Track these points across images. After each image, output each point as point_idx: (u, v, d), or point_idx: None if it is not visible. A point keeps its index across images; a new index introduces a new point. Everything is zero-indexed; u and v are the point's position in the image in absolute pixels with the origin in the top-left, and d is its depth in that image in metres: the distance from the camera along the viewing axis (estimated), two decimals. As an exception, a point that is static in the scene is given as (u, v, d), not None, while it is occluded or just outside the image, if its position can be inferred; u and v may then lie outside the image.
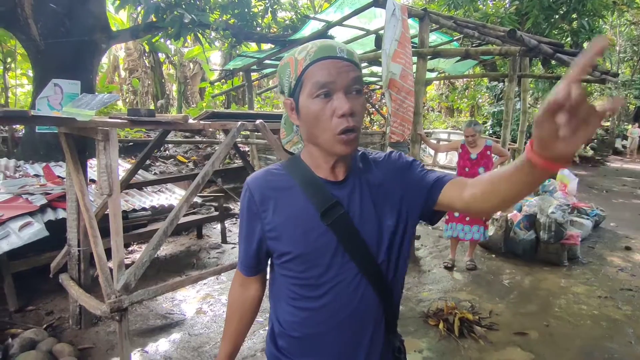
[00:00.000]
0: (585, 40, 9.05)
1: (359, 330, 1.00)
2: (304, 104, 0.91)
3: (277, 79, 1.01)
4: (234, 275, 1.16)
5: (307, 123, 0.92)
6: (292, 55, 0.93)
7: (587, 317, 3.39)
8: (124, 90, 13.29)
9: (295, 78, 0.91)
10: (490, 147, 4.15)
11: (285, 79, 0.94)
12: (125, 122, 2.47)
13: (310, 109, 0.89)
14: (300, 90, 0.91)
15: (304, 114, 0.92)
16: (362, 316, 1.00)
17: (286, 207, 0.96)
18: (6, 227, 2.95)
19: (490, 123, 11.45)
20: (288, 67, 0.93)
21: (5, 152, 5.53)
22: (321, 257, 0.95)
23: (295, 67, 0.91)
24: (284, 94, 0.96)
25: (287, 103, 0.96)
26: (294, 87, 0.92)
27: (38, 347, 2.61)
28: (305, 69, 0.89)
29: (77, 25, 4.78)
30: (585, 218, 5.61)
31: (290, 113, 0.97)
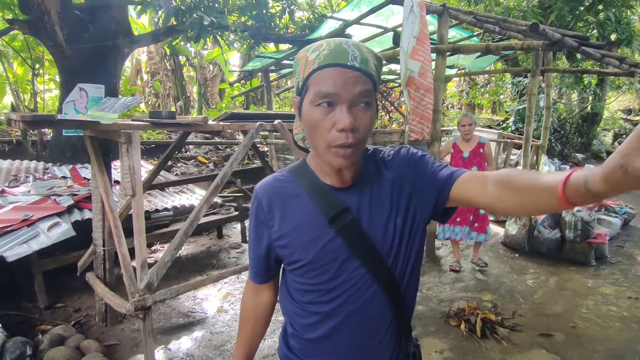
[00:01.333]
0: (612, 33, 8.75)
1: (370, 335, 0.99)
2: (305, 109, 0.87)
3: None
4: (246, 282, 1.16)
5: (306, 129, 0.89)
6: (306, 52, 0.88)
7: (617, 318, 3.27)
8: (146, 92, 13.59)
9: (302, 79, 0.87)
10: (484, 145, 4.03)
11: (296, 75, 0.92)
12: (147, 124, 2.52)
13: (311, 116, 0.85)
14: (305, 94, 0.87)
15: (304, 119, 0.88)
16: (373, 321, 0.98)
17: (294, 214, 0.95)
18: (36, 227, 3.06)
19: (512, 119, 11.18)
20: (299, 65, 0.89)
21: (34, 155, 5.74)
22: (331, 264, 0.94)
23: (305, 68, 0.87)
24: (295, 90, 0.95)
25: (295, 101, 0.93)
26: (300, 88, 0.89)
27: (66, 343, 2.70)
28: (311, 74, 0.85)
29: (100, 31, 4.91)
30: (613, 216, 5.42)
31: (295, 111, 0.94)
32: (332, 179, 0.95)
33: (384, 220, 0.96)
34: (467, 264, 4.38)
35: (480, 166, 4.04)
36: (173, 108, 12.45)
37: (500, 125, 12.35)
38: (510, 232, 4.90)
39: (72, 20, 4.74)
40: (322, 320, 0.98)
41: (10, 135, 6.20)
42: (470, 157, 4.03)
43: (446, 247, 4.77)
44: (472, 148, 4.03)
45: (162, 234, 4.35)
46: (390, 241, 0.96)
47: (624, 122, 18.35)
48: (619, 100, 18.56)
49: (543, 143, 6.75)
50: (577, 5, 7.98)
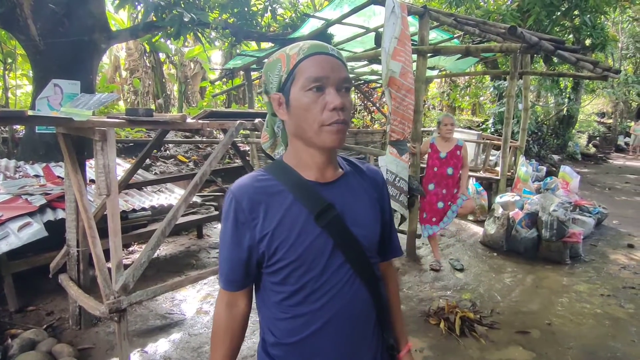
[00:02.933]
0: (587, 37, 9.00)
1: (355, 331, 1.00)
2: (295, 97, 0.92)
3: (263, 78, 1.01)
4: (218, 297, 1.06)
5: (297, 116, 0.93)
6: (283, 51, 0.95)
7: (590, 315, 3.36)
8: (125, 90, 13.29)
9: (287, 72, 0.92)
10: (461, 148, 4.09)
11: (274, 74, 0.95)
12: (123, 121, 2.46)
13: (302, 101, 0.90)
14: (292, 84, 0.92)
15: (294, 106, 0.92)
16: (359, 317, 1.00)
17: (278, 212, 0.94)
18: (5, 227, 2.94)
19: (492, 121, 11.39)
20: (279, 62, 0.94)
21: (5, 152, 5.54)
22: (317, 261, 0.94)
23: (287, 62, 0.92)
24: (271, 90, 0.97)
25: (275, 98, 0.96)
26: (284, 81, 0.93)
27: (38, 348, 2.61)
28: (298, 63, 0.91)
29: (76, 26, 4.76)
30: (587, 216, 5.58)
31: (277, 108, 0.97)
32: (315, 174, 0.97)
33: (365, 216, 1.00)
34: (447, 263, 4.43)
35: (456, 168, 4.08)
36: (153, 106, 12.22)
37: (479, 126, 12.57)
38: (488, 231, 4.99)
39: (46, 14, 4.58)
40: (307, 321, 0.96)
41: (-20, 132, 5.97)
42: (447, 158, 4.08)
43: (427, 247, 4.82)
44: (449, 149, 4.08)
45: (139, 235, 4.25)
46: (371, 237, 1.01)
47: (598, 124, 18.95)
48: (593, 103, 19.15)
49: (521, 144, 6.89)
50: (554, 10, 8.19)
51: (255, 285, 1.06)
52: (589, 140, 16.94)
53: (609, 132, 18.48)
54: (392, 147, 3.96)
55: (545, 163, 10.18)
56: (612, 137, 18.14)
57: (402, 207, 4.13)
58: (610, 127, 18.66)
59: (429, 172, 4.19)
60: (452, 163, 4.07)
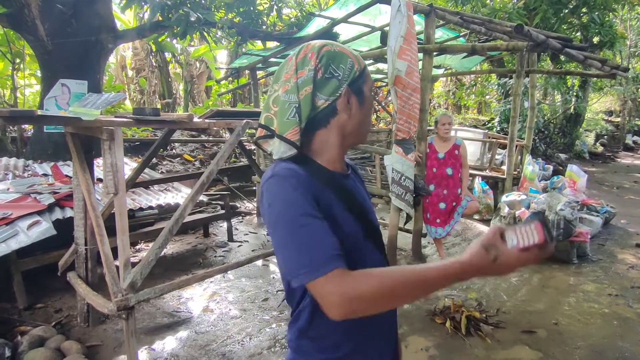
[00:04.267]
0: (595, 35, 8.92)
1: (392, 315, 1.07)
2: (367, 96, 1.00)
3: (320, 67, 0.93)
4: (330, 283, 0.79)
5: (364, 114, 1.00)
6: (347, 49, 0.98)
7: (598, 315, 3.34)
8: (131, 89, 13.37)
9: (359, 70, 0.97)
10: (459, 147, 4.06)
11: (347, 67, 0.95)
12: (130, 121, 2.48)
13: (372, 102, 1.02)
14: (364, 84, 0.98)
15: (369, 104, 1.00)
16: None
17: (321, 201, 0.89)
18: (15, 225, 2.98)
19: (497, 120, 11.32)
20: (349, 58, 0.96)
21: (14, 151, 5.60)
22: (358, 245, 0.95)
23: (358, 62, 0.97)
24: (342, 82, 0.94)
25: (346, 91, 0.95)
26: (356, 78, 0.96)
27: (47, 345, 2.64)
28: (365, 66, 0.99)
29: (83, 26, 4.81)
30: (594, 215, 5.54)
31: (343, 102, 0.95)
32: (337, 166, 1.00)
33: (370, 206, 1.07)
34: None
35: (455, 168, 4.05)
36: (159, 105, 12.28)
37: (485, 125, 12.50)
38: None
39: (54, 14, 4.63)
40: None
41: (-11, 131, 6.04)
42: (445, 158, 4.06)
43: (432, 246, 4.81)
44: (447, 149, 4.06)
45: (146, 233, 4.28)
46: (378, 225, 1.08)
47: (606, 123, 18.77)
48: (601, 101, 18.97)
49: (527, 143, 6.85)
50: (562, 8, 8.13)
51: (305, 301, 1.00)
52: (596, 139, 16.79)
53: (617, 131, 18.29)
54: (397, 146, 3.95)
55: (552, 162, 10.11)
56: (620, 135, 17.95)
57: (408, 206, 4.12)
58: (619, 126, 18.46)
59: (429, 173, 4.17)
60: (450, 163, 4.05)
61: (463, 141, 4.17)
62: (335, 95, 0.94)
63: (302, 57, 0.95)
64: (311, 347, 0.98)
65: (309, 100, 0.92)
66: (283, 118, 0.93)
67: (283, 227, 0.84)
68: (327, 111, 0.95)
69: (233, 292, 3.71)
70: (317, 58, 0.93)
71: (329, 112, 0.95)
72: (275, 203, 0.87)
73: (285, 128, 0.93)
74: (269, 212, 0.88)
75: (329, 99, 0.93)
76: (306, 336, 0.98)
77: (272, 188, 0.89)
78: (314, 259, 0.80)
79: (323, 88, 0.93)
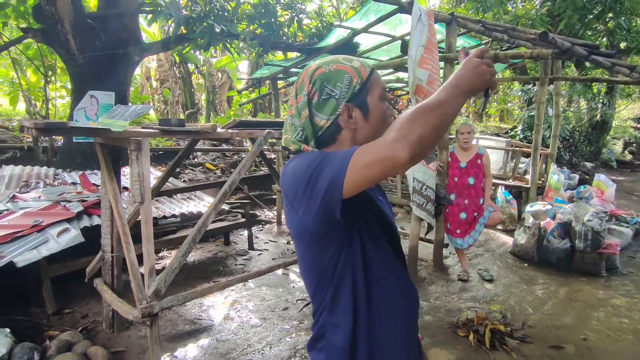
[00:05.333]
0: (622, 41, 8.68)
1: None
2: (374, 106, 0.99)
3: (314, 87, 0.98)
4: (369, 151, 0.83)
5: (376, 124, 0.99)
6: (344, 64, 0.99)
7: (629, 331, 3.21)
8: (156, 100, 13.73)
9: (360, 83, 0.98)
10: (482, 156, 3.98)
11: (344, 84, 0.97)
12: (157, 132, 2.55)
13: (382, 109, 1.00)
14: (368, 95, 0.98)
15: (376, 114, 0.99)
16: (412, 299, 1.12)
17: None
18: (45, 233, 3.09)
19: (520, 127, 11.10)
20: (346, 74, 0.97)
21: (45, 161, 5.81)
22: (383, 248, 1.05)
23: (359, 74, 0.98)
24: (340, 100, 0.97)
25: (344, 109, 0.97)
26: (357, 92, 0.97)
27: (74, 349, 2.71)
28: (370, 75, 0.99)
29: (112, 39, 4.99)
30: (624, 226, 5.35)
31: (345, 119, 0.97)
32: None
33: (392, 215, 1.13)
34: (476, 273, 4.33)
35: (477, 177, 3.98)
36: (182, 115, 12.56)
37: (508, 133, 12.28)
38: (519, 241, 4.85)
39: (85, 29, 4.82)
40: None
41: (22, 141, 6.28)
42: (467, 167, 4.00)
43: (454, 256, 4.73)
44: (470, 158, 4.00)
45: (169, 240, 4.36)
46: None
47: (634, 130, 18.15)
48: (629, 108, 18.39)
49: (552, 151, 6.69)
50: (587, 14, 7.95)
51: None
52: (624, 147, 16.24)
53: (646, 138, 17.65)
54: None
55: (577, 171, 9.84)
56: (651, 143, 17.32)
57: (429, 216, 4.08)
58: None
59: (450, 182, 4.11)
60: (472, 172, 3.98)
61: (486, 150, 4.11)
62: (336, 114, 0.97)
63: (300, 82, 1.01)
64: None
65: (309, 123, 0.98)
66: (293, 139, 1.00)
67: (310, 166, 0.87)
68: (331, 129, 0.98)
69: (253, 301, 3.73)
70: (309, 83, 0.98)
71: (333, 129, 0.98)
72: (299, 161, 0.92)
73: (297, 147, 0.99)
74: (295, 171, 0.91)
75: (330, 118, 0.97)
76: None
77: (295, 160, 0.94)
78: (343, 154, 0.84)
79: (322, 109, 0.97)
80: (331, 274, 0.97)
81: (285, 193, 0.95)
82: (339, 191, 0.81)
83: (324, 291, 0.99)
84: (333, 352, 0.98)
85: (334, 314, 0.98)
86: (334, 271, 0.96)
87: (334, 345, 0.98)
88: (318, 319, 1.02)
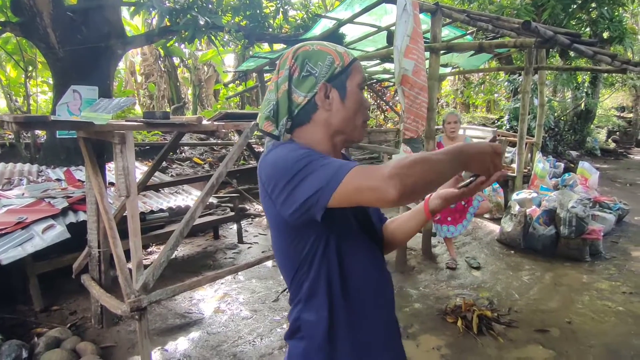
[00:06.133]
0: (605, 30, 8.80)
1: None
2: (352, 91, 1.00)
3: (301, 64, 0.99)
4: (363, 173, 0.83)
5: (349, 109, 1.00)
6: (328, 47, 1.01)
7: (612, 313, 3.30)
8: (141, 94, 13.53)
9: (341, 66, 0.99)
10: None
11: (325, 64, 0.98)
12: (141, 124, 2.52)
13: (357, 97, 1.01)
14: (348, 79, 0.99)
15: (352, 100, 1.00)
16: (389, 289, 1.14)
17: None
18: (30, 229, 3.04)
19: (507, 118, 11.22)
20: (329, 55, 0.99)
21: (28, 157, 5.70)
22: (352, 239, 1.05)
23: (341, 58, 0.99)
24: (319, 78, 0.98)
25: (323, 87, 0.98)
26: (337, 74, 0.98)
27: (62, 346, 2.69)
28: (352, 62, 1.01)
29: (93, 32, 4.88)
30: (607, 212, 5.46)
31: (321, 97, 0.98)
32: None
33: None
34: (464, 261, 4.40)
35: None
36: (168, 109, 12.41)
37: (494, 123, 12.40)
38: (505, 229, 4.93)
39: (65, 22, 4.70)
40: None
41: (4, 138, 6.15)
42: None
43: (442, 245, 4.79)
44: None
45: (157, 236, 4.33)
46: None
47: (617, 119, 18.49)
48: (612, 97, 18.70)
49: (537, 140, 6.78)
50: (570, 4, 8.05)
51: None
52: (608, 136, 16.55)
53: (629, 127, 17.99)
54: (405, 145, 3.95)
55: (562, 159, 10.00)
56: (633, 131, 17.65)
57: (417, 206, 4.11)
58: (631, 122, 18.17)
59: None
60: None
61: (472, 140, 4.15)
62: (313, 92, 0.98)
63: (284, 59, 1.02)
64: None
65: (286, 97, 0.99)
66: (261, 113, 1.01)
67: (296, 165, 0.86)
68: (307, 107, 0.99)
69: (244, 294, 3.74)
70: (292, 58, 1.00)
71: (309, 107, 0.99)
72: (283, 154, 0.91)
73: (261, 122, 1.01)
74: (276, 163, 0.90)
75: (307, 95, 0.98)
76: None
77: (278, 151, 0.93)
78: (340, 164, 0.84)
79: (301, 85, 0.99)
80: (308, 267, 0.96)
81: (262, 182, 0.94)
82: (324, 201, 0.82)
83: (299, 284, 0.99)
84: (312, 343, 0.99)
85: (311, 309, 0.98)
86: (311, 265, 0.96)
87: (312, 336, 0.99)
88: (293, 310, 1.02)
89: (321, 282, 0.96)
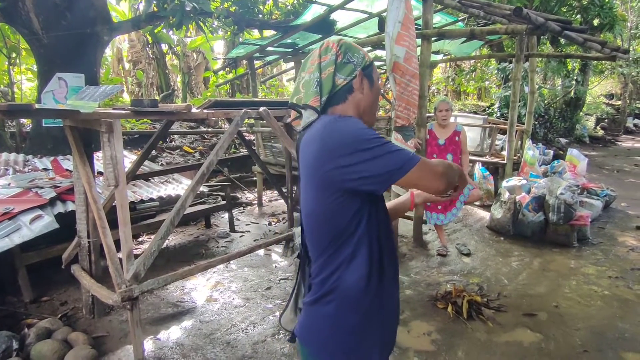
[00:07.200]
0: (595, 17, 8.83)
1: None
2: (376, 82, 1.22)
3: (340, 53, 1.16)
4: (428, 167, 1.09)
5: (374, 96, 1.22)
6: (358, 45, 1.22)
7: (598, 297, 3.37)
8: (129, 82, 13.30)
9: (369, 61, 1.20)
10: (459, 133, 4.04)
11: (359, 56, 1.18)
12: (129, 112, 2.47)
13: (379, 89, 1.25)
14: (373, 71, 1.21)
15: (376, 89, 1.22)
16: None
17: None
18: (17, 220, 2.99)
19: (497, 105, 11.26)
20: (360, 50, 1.20)
21: (13, 147, 5.59)
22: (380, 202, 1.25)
23: (367, 55, 1.21)
24: (357, 65, 1.17)
25: (360, 73, 1.18)
26: (367, 66, 1.19)
27: (53, 336, 2.67)
28: (372, 61, 1.22)
29: (78, 18, 4.75)
30: (595, 198, 5.55)
31: (359, 82, 1.17)
32: None
33: None
34: (454, 248, 4.44)
35: (455, 154, 4.04)
36: (157, 97, 12.23)
37: (485, 111, 12.44)
38: (495, 216, 4.98)
39: (48, 7, 4.57)
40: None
41: (-12, 127, 6.02)
42: (446, 144, 4.04)
43: (433, 233, 4.83)
44: (448, 135, 4.04)
45: (148, 225, 4.29)
46: None
47: (606, 106, 18.68)
48: (601, 85, 18.86)
49: (527, 128, 6.83)
50: (561, -10, 8.02)
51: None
52: (597, 123, 16.73)
53: (617, 114, 18.20)
54: (397, 133, 3.94)
55: (552, 146, 10.09)
56: (621, 119, 17.87)
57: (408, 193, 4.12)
58: (619, 109, 18.37)
59: None
60: (451, 149, 4.03)
61: (463, 127, 4.15)
62: (352, 76, 1.16)
63: (325, 47, 1.18)
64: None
65: (331, 79, 1.15)
66: (308, 91, 1.16)
67: (374, 140, 1.01)
68: (345, 88, 1.17)
69: (236, 282, 3.74)
70: (337, 46, 1.17)
71: (346, 89, 1.17)
72: (359, 127, 1.05)
73: (308, 98, 1.15)
74: (356, 133, 1.02)
75: (347, 79, 1.16)
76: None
77: (348, 123, 1.06)
78: (409, 153, 1.04)
79: (342, 69, 1.16)
80: (353, 230, 1.07)
81: (328, 147, 1.03)
82: (393, 181, 1.02)
83: (339, 248, 1.09)
84: (347, 301, 1.10)
85: (353, 270, 1.09)
86: (356, 229, 1.07)
87: (348, 296, 1.09)
88: (330, 274, 1.10)
89: (364, 245, 1.08)
